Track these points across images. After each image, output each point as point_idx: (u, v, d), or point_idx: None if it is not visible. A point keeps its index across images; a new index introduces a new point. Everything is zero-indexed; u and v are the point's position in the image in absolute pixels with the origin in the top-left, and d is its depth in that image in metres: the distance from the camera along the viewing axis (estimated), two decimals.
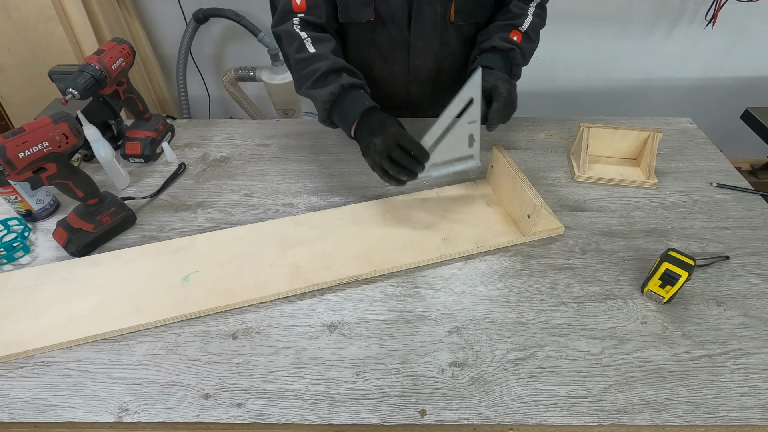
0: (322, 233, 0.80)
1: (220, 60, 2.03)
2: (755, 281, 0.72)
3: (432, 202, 0.86)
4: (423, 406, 0.58)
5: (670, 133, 1.05)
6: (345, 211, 0.85)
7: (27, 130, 0.66)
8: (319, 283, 0.71)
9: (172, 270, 0.74)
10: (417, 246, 0.77)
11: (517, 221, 0.80)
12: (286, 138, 1.05)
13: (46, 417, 0.58)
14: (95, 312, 0.68)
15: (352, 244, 0.78)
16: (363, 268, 0.73)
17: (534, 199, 0.73)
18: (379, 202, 0.86)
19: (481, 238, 0.78)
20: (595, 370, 0.61)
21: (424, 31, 0.96)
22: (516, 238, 0.78)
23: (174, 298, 0.69)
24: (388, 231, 0.80)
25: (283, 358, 0.63)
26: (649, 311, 0.68)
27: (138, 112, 0.99)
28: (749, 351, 0.63)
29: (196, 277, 0.72)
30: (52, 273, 0.74)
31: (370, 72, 1.07)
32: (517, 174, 0.78)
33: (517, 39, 0.89)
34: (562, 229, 0.80)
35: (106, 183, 0.92)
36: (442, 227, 0.81)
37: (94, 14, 1.60)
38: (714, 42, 1.92)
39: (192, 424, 0.57)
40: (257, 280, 0.72)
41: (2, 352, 0.63)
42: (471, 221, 0.82)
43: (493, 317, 0.68)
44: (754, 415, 0.57)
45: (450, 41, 0.99)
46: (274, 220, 0.83)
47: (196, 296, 0.69)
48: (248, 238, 0.79)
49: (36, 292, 0.71)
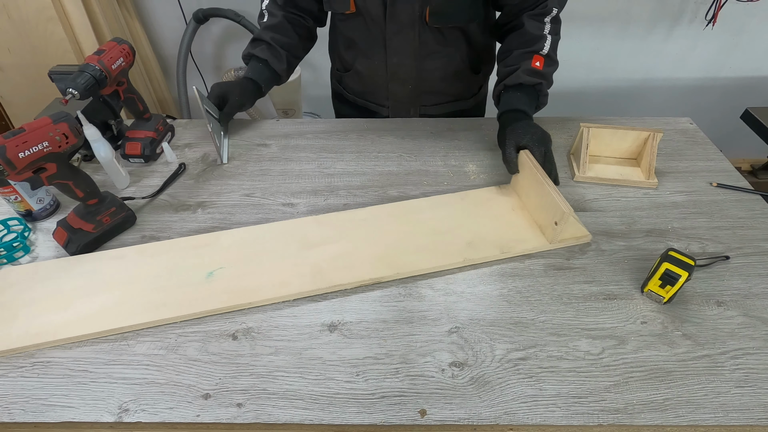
0: (344, 234, 0.79)
1: (220, 60, 2.03)
2: (755, 281, 0.72)
3: (455, 205, 0.85)
4: (423, 406, 0.58)
5: (670, 133, 1.05)
6: (366, 212, 0.84)
7: (27, 130, 0.66)
8: (341, 284, 0.71)
9: (196, 265, 0.74)
10: (440, 249, 0.76)
11: (543, 228, 0.78)
12: (286, 138, 1.05)
13: (46, 417, 0.58)
14: (122, 304, 0.69)
15: (373, 246, 0.77)
16: (385, 271, 0.72)
17: (562, 206, 0.71)
18: (401, 204, 0.85)
19: (506, 244, 0.76)
20: (595, 370, 0.61)
21: (400, 29, 0.97)
22: (542, 245, 0.77)
23: (199, 293, 0.70)
24: (411, 233, 0.79)
25: (283, 358, 0.63)
26: (649, 311, 0.68)
27: (138, 112, 0.99)
28: (749, 351, 0.63)
29: (221, 274, 0.73)
30: (79, 264, 0.75)
31: (352, 66, 1.09)
32: (545, 180, 0.76)
33: (540, 65, 0.89)
34: (588, 237, 0.78)
35: (106, 183, 0.92)
36: (466, 231, 0.79)
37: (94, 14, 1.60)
38: (714, 42, 1.92)
39: (192, 424, 0.57)
40: (280, 278, 0.72)
41: (33, 341, 0.64)
42: (495, 226, 0.80)
43: (493, 317, 0.68)
44: (754, 415, 0.57)
45: (428, 41, 1.00)
46: (296, 219, 0.83)
47: (220, 292, 0.70)
48: (270, 236, 0.79)
49: (64, 283, 0.72)
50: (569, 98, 2.11)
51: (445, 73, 1.07)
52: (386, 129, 1.07)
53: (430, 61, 1.03)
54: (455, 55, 1.04)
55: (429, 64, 1.04)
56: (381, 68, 1.05)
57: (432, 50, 1.01)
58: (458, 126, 1.08)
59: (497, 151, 1.00)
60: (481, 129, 1.07)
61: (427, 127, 1.07)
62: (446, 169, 0.95)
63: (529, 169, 0.80)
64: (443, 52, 1.03)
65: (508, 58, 0.93)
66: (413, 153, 1.00)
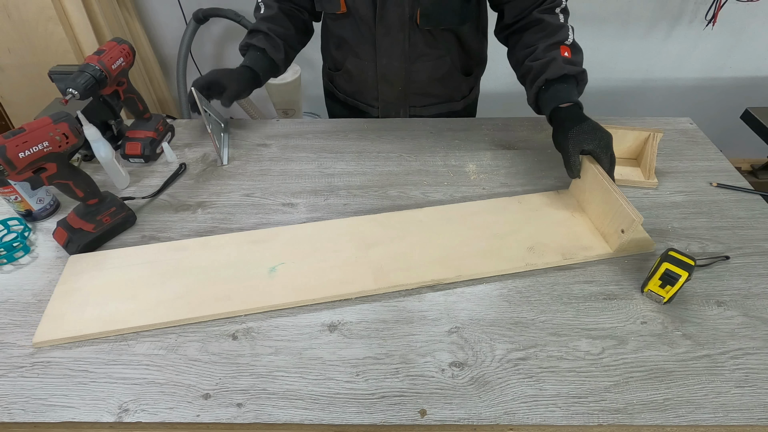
0: (401, 234, 0.79)
1: (220, 60, 2.03)
2: (755, 281, 0.72)
3: (513, 209, 0.84)
4: (423, 406, 0.58)
5: (670, 133, 1.05)
6: (422, 213, 0.83)
7: (27, 130, 0.66)
8: (402, 284, 0.71)
9: (257, 260, 0.75)
10: (500, 254, 0.75)
11: (606, 235, 0.76)
12: (286, 138, 1.05)
13: (46, 417, 0.58)
14: (188, 295, 0.70)
15: (432, 248, 0.76)
16: (444, 273, 0.72)
17: (632, 214, 0.70)
18: (457, 206, 0.85)
19: (568, 250, 0.75)
20: (595, 370, 0.61)
21: (390, 30, 0.97)
22: (605, 253, 0.75)
23: (263, 288, 0.71)
24: (469, 236, 0.78)
25: (283, 358, 0.63)
26: (649, 311, 0.68)
27: (138, 112, 0.99)
28: (749, 351, 0.63)
29: (283, 269, 0.73)
30: (143, 255, 0.76)
31: (343, 65, 1.09)
32: (611, 187, 0.74)
33: (569, 55, 0.87)
34: (652, 246, 0.77)
35: (106, 183, 0.92)
36: (526, 236, 0.78)
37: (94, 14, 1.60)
38: (714, 42, 1.92)
39: (192, 424, 0.57)
40: (342, 276, 0.72)
41: (105, 328, 0.66)
42: (556, 232, 0.79)
43: (493, 317, 0.68)
44: (754, 415, 0.57)
45: (418, 43, 0.99)
46: (353, 217, 0.83)
47: (284, 288, 0.71)
48: (327, 233, 0.80)
49: (129, 273, 0.74)
50: None
51: (434, 76, 1.06)
52: (386, 129, 1.07)
53: (420, 63, 1.03)
54: (445, 57, 1.04)
55: (418, 66, 1.03)
56: (371, 69, 1.05)
57: (422, 53, 1.01)
58: (458, 126, 1.08)
59: (497, 151, 1.00)
60: (481, 129, 1.07)
61: (427, 127, 1.07)
62: (446, 169, 0.95)
63: (593, 176, 0.78)
64: (433, 55, 1.02)
65: (534, 53, 0.89)
66: (413, 153, 1.00)
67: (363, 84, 1.10)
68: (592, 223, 0.80)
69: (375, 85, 1.08)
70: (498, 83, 2.03)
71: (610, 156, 0.78)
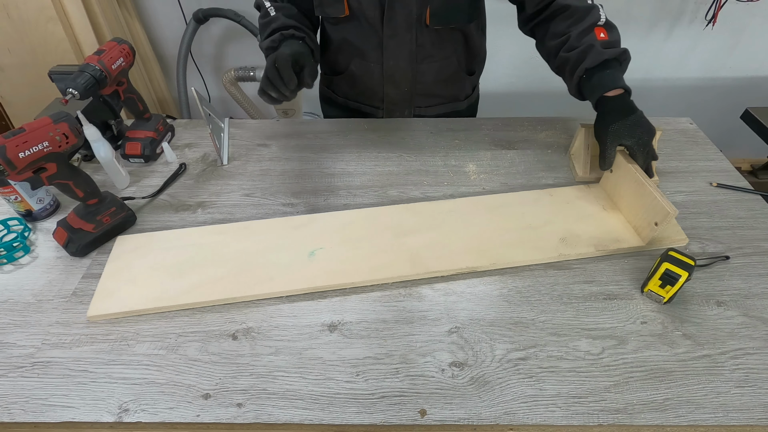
0: (433, 224, 0.80)
1: (220, 60, 2.03)
2: (755, 281, 0.72)
3: (545, 201, 0.85)
4: (423, 406, 0.58)
5: (670, 133, 1.05)
6: (453, 203, 0.85)
7: (27, 130, 0.66)
8: (438, 270, 0.73)
9: (296, 245, 0.77)
10: (533, 244, 0.77)
11: (639, 228, 0.77)
12: (286, 138, 1.05)
13: (46, 417, 0.58)
14: (230, 276, 0.72)
15: (464, 237, 0.78)
16: (479, 261, 0.74)
17: (667, 207, 0.70)
18: (491, 197, 0.87)
19: (600, 242, 0.76)
20: (595, 370, 0.61)
21: (397, 31, 0.96)
22: (636, 245, 0.76)
23: (303, 271, 0.73)
24: (500, 226, 0.80)
25: (283, 358, 0.63)
26: (649, 311, 0.68)
27: (138, 112, 0.99)
28: (749, 351, 0.63)
29: (321, 254, 0.75)
30: (186, 237, 0.79)
31: (347, 68, 1.07)
32: (645, 180, 0.75)
33: (605, 35, 0.82)
34: (685, 241, 0.78)
35: (106, 183, 0.92)
36: (558, 227, 0.79)
37: (94, 14, 1.60)
38: (714, 42, 1.92)
39: (192, 424, 0.57)
40: (379, 262, 0.74)
41: (154, 304, 0.68)
42: (587, 224, 0.80)
43: (493, 317, 0.68)
44: (754, 415, 0.57)
45: (425, 44, 0.99)
46: (387, 206, 0.85)
47: (324, 271, 0.73)
48: (363, 221, 0.82)
49: (175, 254, 0.76)
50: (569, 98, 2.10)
51: (440, 76, 1.06)
52: (386, 129, 1.07)
53: (426, 64, 1.03)
54: (452, 57, 1.04)
55: (425, 67, 1.03)
56: (377, 71, 1.04)
57: (428, 53, 1.01)
58: (458, 126, 1.08)
59: (497, 151, 1.00)
60: (481, 129, 1.07)
61: (427, 127, 1.07)
62: (446, 169, 0.95)
63: (626, 169, 0.79)
64: (439, 55, 1.02)
65: (568, 42, 0.85)
66: (413, 153, 1.00)
67: (367, 86, 1.09)
68: (624, 216, 0.81)
69: (380, 87, 1.07)
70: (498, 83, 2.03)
71: (647, 152, 0.79)
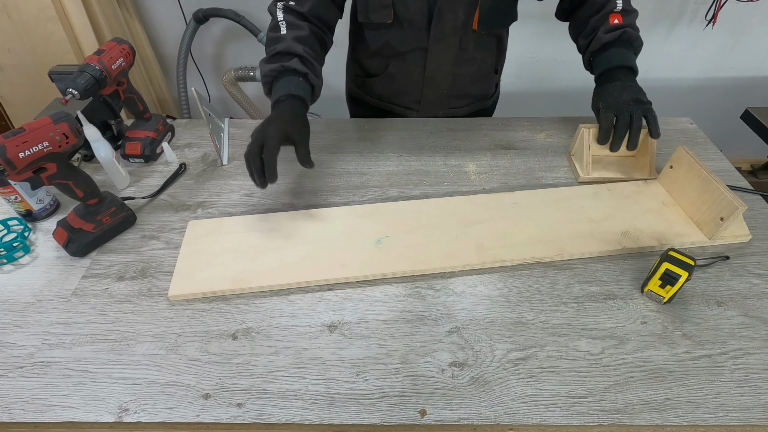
0: (497, 215, 0.82)
1: (220, 60, 2.03)
2: (755, 281, 0.72)
3: (605, 196, 0.86)
4: (423, 406, 0.58)
5: (670, 133, 1.05)
6: (516, 196, 0.86)
7: (27, 130, 0.66)
8: (505, 259, 0.74)
9: (364, 232, 0.79)
10: (597, 237, 0.78)
11: (701, 223, 0.78)
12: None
13: (46, 417, 0.58)
14: (303, 261, 0.74)
15: (529, 228, 0.79)
16: (547, 251, 0.75)
17: (735, 201, 0.71)
18: (552, 191, 0.88)
19: (662, 236, 0.78)
20: (595, 370, 0.61)
21: (443, 36, 0.96)
22: (700, 240, 0.77)
23: (371, 257, 0.75)
24: (564, 219, 0.81)
25: (283, 358, 0.63)
26: (649, 311, 0.68)
27: (138, 112, 0.99)
28: (749, 351, 0.63)
29: (388, 242, 0.77)
30: (258, 223, 0.81)
31: (385, 69, 1.07)
32: (710, 175, 0.76)
33: (619, 20, 0.87)
34: (748, 237, 0.78)
35: (106, 183, 0.92)
36: (620, 221, 0.80)
37: (94, 14, 1.60)
38: (714, 42, 1.92)
39: (192, 424, 0.57)
40: (446, 250, 0.75)
41: (230, 286, 0.71)
42: (649, 218, 0.81)
43: (493, 317, 0.68)
44: (754, 415, 0.57)
45: (468, 48, 1.00)
46: (450, 197, 0.86)
47: (391, 258, 0.75)
48: (428, 211, 0.83)
49: (247, 238, 0.79)
50: (569, 98, 2.11)
51: (476, 77, 1.08)
52: (386, 129, 1.07)
53: (466, 66, 1.04)
54: (488, 59, 1.05)
55: (464, 69, 1.04)
56: (417, 73, 1.04)
57: (470, 57, 1.02)
58: (458, 126, 1.08)
59: (497, 151, 1.00)
60: (481, 129, 1.07)
61: (427, 127, 1.07)
62: (446, 169, 0.95)
63: (689, 164, 0.80)
64: (479, 58, 1.03)
65: (585, 29, 0.92)
66: (413, 153, 1.00)
67: (405, 88, 1.09)
68: (684, 212, 0.82)
69: (419, 89, 1.08)
70: None
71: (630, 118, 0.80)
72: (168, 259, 0.77)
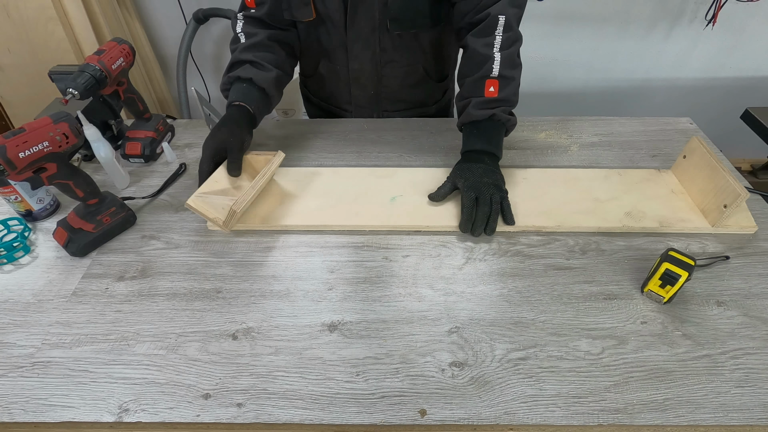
0: (507, 188, 0.84)
1: (220, 60, 2.03)
2: (755, 281, 0.72)
3: (614, 179, 0.89)
4: (423, 406, 0.58)
5: (670, 133, 1.05)
6: (529, 173, 0.91)
7: (27, 130, 0.66)
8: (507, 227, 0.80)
9: (380, 191, 0.88)
10: (599, 214, 0.81)
11: (707, 211, 0.80)
12: (286, 138, 1.05)
13: (46, 417, 0.58)
14: (324, 209, 0.84)
15: (535, 202, 0.84)
16: (547, 222, 0.80)
17: (737, 189, 0.72)
18: (562, 171, 0.92)
19: (665, 219, 0.80)
20: (595, 370, 0.61)
21: (360, 35, 0.97)
22: (703, 227, 0.78)
23: (385, 211, 0.83)
24: (570, 197, 0.85)
25: (283, 358, 0.63)
26: (649, 311, 0.68)
27: (138, 112, 0.99)
28: (749, 351, 0.63)
29: (401, 200, 0.86)
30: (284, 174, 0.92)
31: (316, 70, 1.09)
32: (719, 164, 0.77)
33: (495, 90, 0.82)
34: (754, 229, 0.78)
35: (106, 183, 0.92)
36: (626, 204, 0.83)
37: (94, 14, 1.61)
38: (714, 42, 1.92)
39: (192, 424, 0.57)
40: (453, 212, 0.83)
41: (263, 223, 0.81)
42: (654, 203, 0.83)
43: (493, 317, 0.68)
44: (754, 415, 0.57)
45: (387, 48, 0.99)
46: None
47: (403, 214, 0.83)
48: (441, 178, 0.88)
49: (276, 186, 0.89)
50: (569, 98, 2.11)
51: (406, 82, 1.07)
52: (386, 129, 1.07)
53: (389, 68, 1.03)
54: (417, 65, 1.04)
55: (388, 71, 1.04)
56: (343, 73, 1.05)
57: (391, 58, 1.01)
58: None
59: None
60: None
61: (428, 127, 1.07)
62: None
63: (702, 155, 0.82)
64: (403, 61, 1.02)
65: (462, 88, 0.88)
66: (413, 153, 1.00)
67: (336, 87, 1.11)
68: (693, 200, 0.84)
69: (347, 89, 1.09)
70: None
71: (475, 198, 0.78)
72: (168, 259, 0.77)
